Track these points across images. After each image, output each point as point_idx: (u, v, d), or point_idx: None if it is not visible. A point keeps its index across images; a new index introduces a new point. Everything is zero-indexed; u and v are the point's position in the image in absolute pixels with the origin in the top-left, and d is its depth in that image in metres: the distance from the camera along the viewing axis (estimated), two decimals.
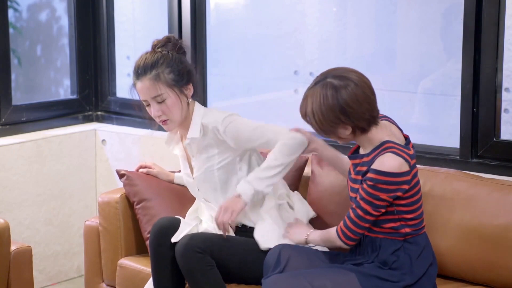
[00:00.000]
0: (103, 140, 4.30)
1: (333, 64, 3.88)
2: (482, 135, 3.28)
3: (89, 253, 3.47)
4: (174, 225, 2.99)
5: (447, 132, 3.50)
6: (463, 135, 3.32)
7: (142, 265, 3.22)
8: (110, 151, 4.27)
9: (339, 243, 2.75)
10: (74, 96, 4.43)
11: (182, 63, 3.05)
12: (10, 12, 4.37)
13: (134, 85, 3.06)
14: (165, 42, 3.09)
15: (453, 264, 2.98)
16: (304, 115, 2.69)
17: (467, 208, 2.97)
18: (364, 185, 2.63)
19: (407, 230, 2.69)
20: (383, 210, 2.66)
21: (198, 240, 2.88)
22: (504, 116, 3.28)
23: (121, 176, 3.36)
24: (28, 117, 4.17)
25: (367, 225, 2.68)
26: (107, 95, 4.42)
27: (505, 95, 3.26)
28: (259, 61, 4.13)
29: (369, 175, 2.63)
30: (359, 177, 2.70)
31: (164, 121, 3.03)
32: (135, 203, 3.31)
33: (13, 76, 4.13)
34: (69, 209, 4.23)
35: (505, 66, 3.23)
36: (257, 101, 4.20)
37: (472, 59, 3.25)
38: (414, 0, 3.65)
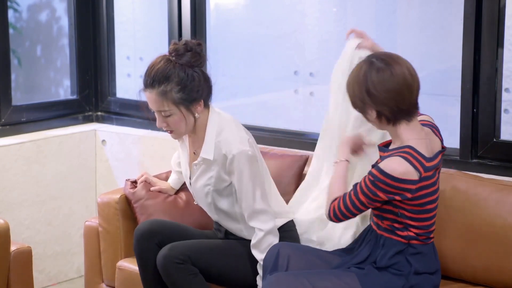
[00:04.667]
0: (103, 141, 4.29)
1: (333, 64, 3.87)
2: (482, 135, 3.27)
3: (89, 253, 3.47)
4: (155, 228, 2.99)
5: (447, 132, 3.48)
6: (463, 136, 3.32)
7: None
8: (110, 152, 4.27)
9: (325, 212, 2.75)
10: (74, 97, 4.42)
11: (193, 80, 2.87)
12: (10, 13, 4.37)
13: (142, 90, 2.92)
14: (184, 51, 2.88)
15: (453, 264, 2.98)
16: (346, 86, 2.70)
17: (467, 208, 2.96)
18: (366, 178, 2.62)
19: (411, 234, 2.66)
20: (379, 205, 2.65)
21: (177, 251, 2.87)
22: (504, 117, 3.28)
23: (130, 182, 3.35)
24: (28, 118, 4.17)
25: (357, 212, 2.68)
26: (107, 95, 4.42)
27: (505, 96, 3.26)
28: (259, 62, 4.13)
29: (373, 170, 2.61)
30: None
31: (169, 131, 2.95)
32: (132, 201, 3.31)
33: (13, 76, 4.13)
34: (69, 209, 4.23)
35: (505, 66, 3.23)
36: (257, 101, 4.20)
37: (472, 59, 3.25)
38: (414, 0, 3.65)
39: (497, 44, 3.21)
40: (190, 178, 3.07)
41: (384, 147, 2.74)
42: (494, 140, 3.26)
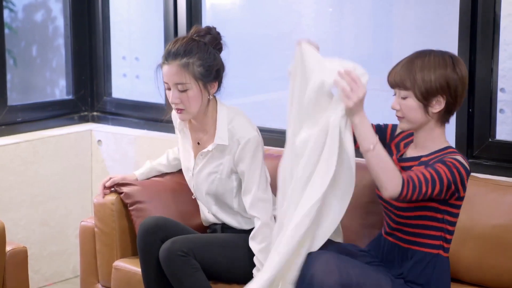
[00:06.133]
0: (99, 141, 4.29)
1: None
2: (478, 135, 3.28)
3: (85, 253, 3.46)
4: (160, 224, 3.00)
5: None
6: (458, 136, 3.32)
7: (137, 267, 3.20)
8: (106, 152, 4.27)
9: (396, 184, 2.42)
10: (70, 97, 4.42)
11: (215, 59, 2.99)
12: (6, 13, 4.37)
13: (160, 66, 2.99)
14: (205, 33, 3.01)
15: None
16: (415, 73, 2.55)
17: (463, 208, 2.95)
18: (445, 165, 2.49)
19: (443, 244, 2.65)
20: (444, 196, 2.52)
21: (181, 244, 2.89)
22: (499, 117, 3.28)
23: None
24: (24, 118, 4.17)
25: (430, 191, 2.46)
26: (102, 95, 4.42)
27: (500, 96, 3.26)
28: (256, 62, 4.13)
29: (448, 160, 2.51)
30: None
31: (180, 110, 2.98)
32: (128, 205, 3.31)
33: (8, 77, 4.13)
34: (65, 209, 4.23)
35: (500, 66, 3.23)
36: (254, 101, 4.20)
37: (467, 59, 3.25)
38: (411, 0, 3.65)
39: (492, 44, 3.21)
40: (193, 170, 3.10)
41: (409, 157, 2.70)
42: (490, 140, 3.27)
